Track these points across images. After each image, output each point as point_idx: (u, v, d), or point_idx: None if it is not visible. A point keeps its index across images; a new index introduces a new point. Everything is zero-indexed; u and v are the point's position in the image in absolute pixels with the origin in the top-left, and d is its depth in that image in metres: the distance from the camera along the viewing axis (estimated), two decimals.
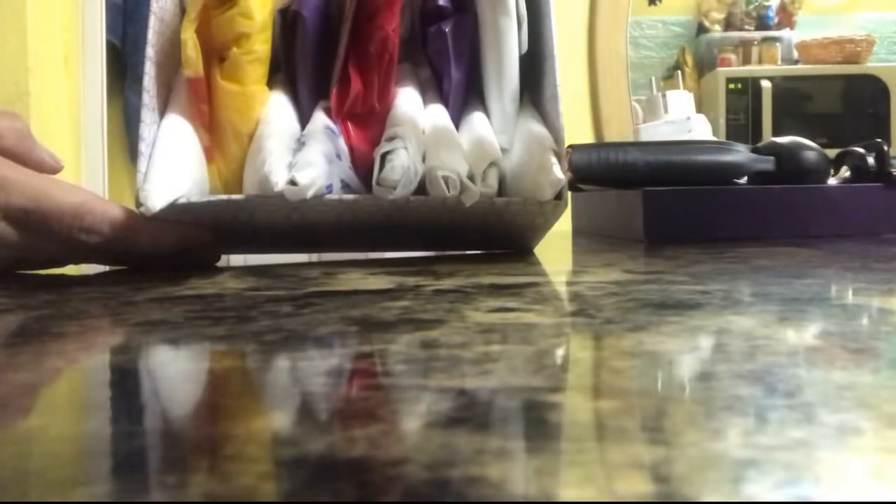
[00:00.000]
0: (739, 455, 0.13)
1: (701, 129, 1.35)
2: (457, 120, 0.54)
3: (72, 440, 0.15)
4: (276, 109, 0.51)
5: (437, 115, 0.52)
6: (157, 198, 0.44)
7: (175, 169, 0.46)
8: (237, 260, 0.56)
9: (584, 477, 0.12)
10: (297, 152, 0.47)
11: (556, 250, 0.62)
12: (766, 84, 2.65)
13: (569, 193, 0.51)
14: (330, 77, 0.53)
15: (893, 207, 0.63)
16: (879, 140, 0.67)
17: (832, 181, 0.68)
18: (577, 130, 2.22)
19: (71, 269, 0.49)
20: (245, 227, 0.50)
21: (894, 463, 0.13)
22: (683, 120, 1.36)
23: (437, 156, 0.48)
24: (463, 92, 0.56)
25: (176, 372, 0.21)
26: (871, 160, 0.66)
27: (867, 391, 0.17)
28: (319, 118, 0.50)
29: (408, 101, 0.52)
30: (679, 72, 2.09)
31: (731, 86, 2.66)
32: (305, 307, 0.31)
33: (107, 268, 0.51)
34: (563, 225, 0.86)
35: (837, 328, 0.24)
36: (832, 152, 0.68)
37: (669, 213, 0.61)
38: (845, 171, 0.69)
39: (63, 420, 0.17)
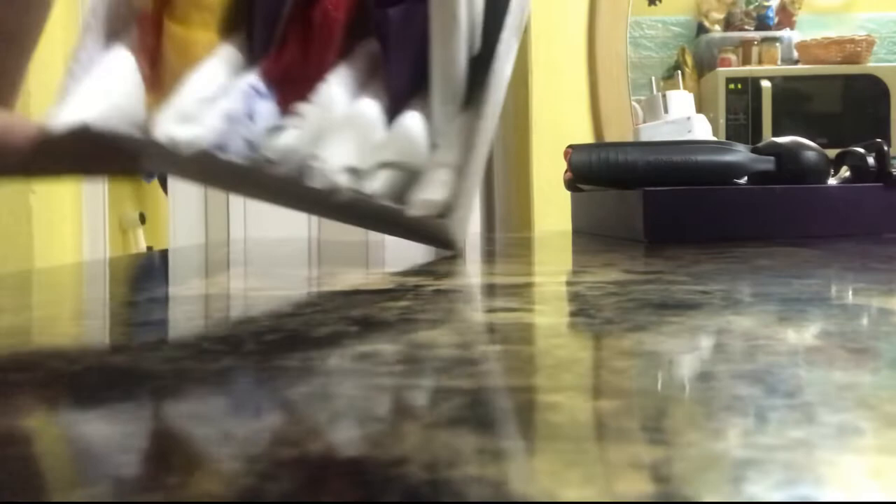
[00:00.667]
0: (739, 455, 0.13)
1: (701, 129, 1.35)
2: (397, 109, 0.52)
3: (72, 440, 0.15)
4: (214, 59, 0.50)
5: (363, 102, 0.51)
6: (63, 119, 0.44)
7: (94, 94, 0.46)
8: (237, 259, 0.56)
9: (584, 477, 0.12)
10: (204, 105, 0.47)
11: (556, 250, 0.62)
12: (766, 84, 2.65)
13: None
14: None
15: (893, 207, 0.63)
16: (879, 140, 0.67)
17: (832, 181, 0.68)
18: (577, 130, 2.22)
19: (66, 270, 0.49)
20: (164, 161, 0.50)
21: (894, 463, 0.13)
22: (683, 120, 1.36)
23: (324, 144, 0.47)
24: (407, 81, 0.54)
25: (176, 372, 0.21)
26: (871, 160, 0.66)
27: (867, 391, 0.17)
28: (249, 77, 0.50)
29: (339, 79, 0.50)
30: (679, 72, 2.09)
31: (731, 86, 2.66)
32: (305, 307, 0.31)
33: (107, 267, 0.50)
34: (563, 225, 0.86)
35: (837, 328, 0.24)
36: (832, 152, 0.68)
37: (669, 213, 0.61)
38: (845, 171, 0.69)
39: (63, 420, 0.17)
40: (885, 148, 0.66)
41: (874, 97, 2.66)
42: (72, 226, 1.79)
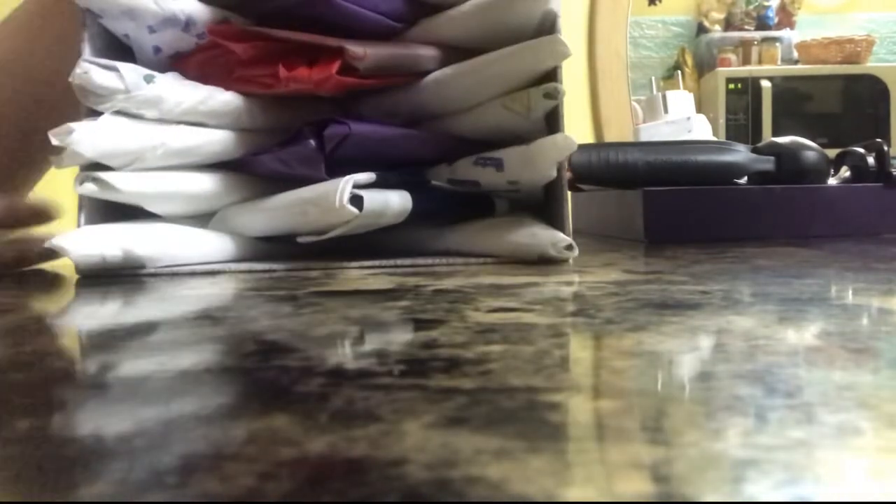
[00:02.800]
0: (739, 455, 0.13)
1: (701, 129, 1.35)
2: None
3: (72, 440, 0.15)
4: None
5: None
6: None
7: None
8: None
9: (584, 477, 0.12)
10: None
11: None
12: (765, 84, 2.65)
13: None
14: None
15: (893, 207, 0.63)
16: (879, 140, 0.67)
17: (832, 181, 0.68)
18: (577, 130, 2.22)
19: (66, 270, 0.49)
20: None
21: (894, 463, 0.13)
22: (683, 120, 1.36)
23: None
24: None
25: (176, 372, 0.21)
26: (871, 160, 0.66)
27: (867, 391, 0.17)
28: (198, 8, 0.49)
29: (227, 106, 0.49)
30: (679, 72, 2.09)
31: (731, 86, 2.66)
32: (305, 307, 0.31)
33: None
34: None
35: (837, 328, 0.24)
36: (832, 152, 0.68)
37: (669, 213, 0.61)
38: (845, 171, 0.69)
39: (62, 420, 0.17)
40: (885, 148, 0.66)
41: (874, 97, 2.66)
42: (72, 226, 1.78)
